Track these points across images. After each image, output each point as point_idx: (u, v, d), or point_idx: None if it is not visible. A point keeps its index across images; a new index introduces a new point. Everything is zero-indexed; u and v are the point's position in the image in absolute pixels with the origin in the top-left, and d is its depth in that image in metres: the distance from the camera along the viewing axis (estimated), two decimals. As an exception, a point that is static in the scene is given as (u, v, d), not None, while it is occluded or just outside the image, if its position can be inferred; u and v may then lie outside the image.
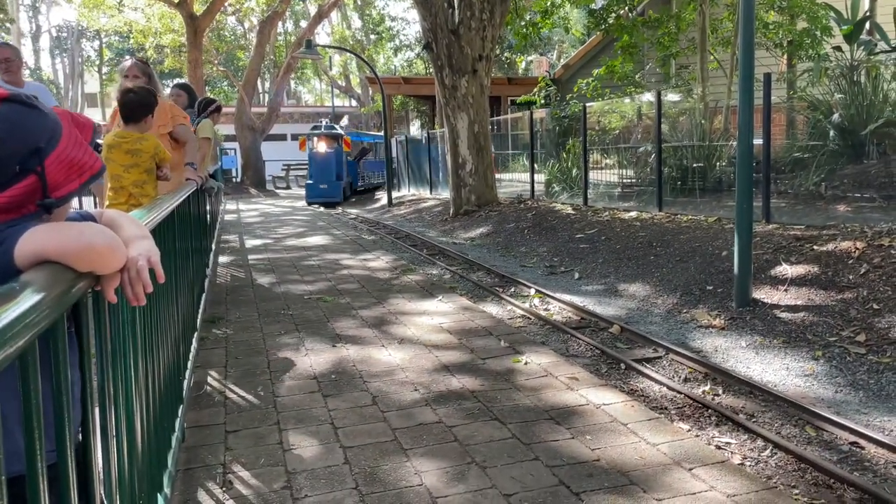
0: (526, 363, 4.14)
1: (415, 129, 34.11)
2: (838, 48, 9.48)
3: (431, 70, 14.01)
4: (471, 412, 3.43)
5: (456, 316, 5.32)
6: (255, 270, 7.75)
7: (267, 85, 43.66)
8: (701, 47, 13.55)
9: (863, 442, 3.31)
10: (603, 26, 15.81)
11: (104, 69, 44.69)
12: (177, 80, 18.38)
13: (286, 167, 29.11)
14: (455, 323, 5.12)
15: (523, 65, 31.32)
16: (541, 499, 2.60)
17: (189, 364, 3.74)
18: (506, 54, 31.34)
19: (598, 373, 4.25)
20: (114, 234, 1.19)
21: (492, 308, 5.86)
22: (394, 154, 22.81)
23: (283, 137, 34.64)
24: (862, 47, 9.05)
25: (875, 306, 4.95)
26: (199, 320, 4.84)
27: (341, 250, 9.21)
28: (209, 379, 4.05)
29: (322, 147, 20.07)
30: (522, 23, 16.07)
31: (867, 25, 9.26)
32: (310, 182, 20.12)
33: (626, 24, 15.07)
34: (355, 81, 43.95)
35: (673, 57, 16.07)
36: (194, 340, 4.21)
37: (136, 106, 3.93)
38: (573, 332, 5.29)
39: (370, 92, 34.36)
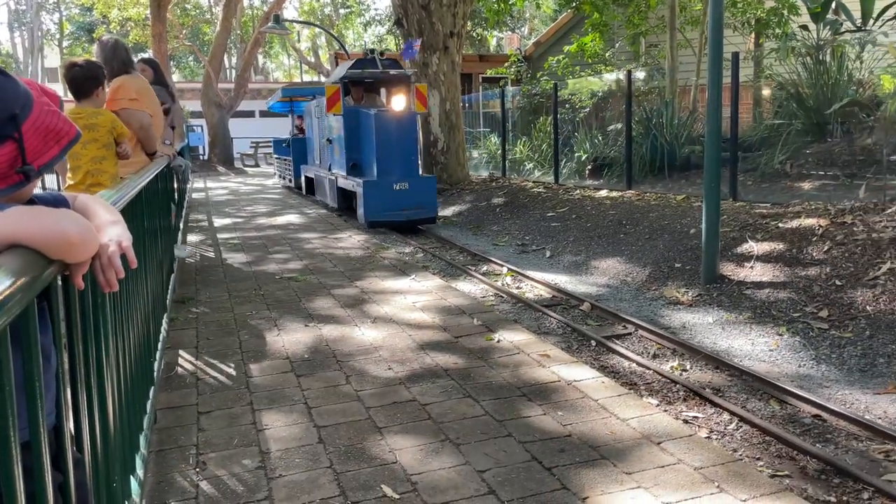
0: (499, 341, 4.18)
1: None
2: (805, 27, 9.59)
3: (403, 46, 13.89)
4: (445, 390, 3.46)
5: (429, 295, 5.34)
6: (225, 249, 7.67)
7: (234, 60, 42.88)
8: (670, 25, 13.62)
9: (825, 415, 3.42)
10: (574, 3, 15.80)
11: (65, 43, 43.44)
12: (141, 55, 17.94)
13: (255, 144, 28.68)
14: (428, 302, 5.13)
15: (494, 41, 31.18)
16: (514, 474, 2.64)
17: (160, 345, 3.71)
18: (477, 30, 31.16)
19: (570, 350, 4.31)
20: (88, 224, 1.17)
21: (465, 286, 5.88)
22: None
23: (251, 114, 34.09)
24: (828, 27, 9.17)
25: (837, 282, 5.08)
26: (168, 301, 4.79)
27: (313, 229, 9.15)
28: (180, 360, 4.02)
29: (399, 103, 9.78)
30: (494, -1, 15.97)
31: (833, 5, 9.36)
32: (365, 181, 9.72)
33: (596, 1, 15.07)
34: (325, 57, 43.32)
35: (643, 35, 16.14)
36: (164, 321, 4.17)
37: (83, 80, 3.81)
38: (545, 309, 5.34)
39: (338, 65, 33.90)
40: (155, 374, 3.33)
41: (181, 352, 4.15)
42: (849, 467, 2.85)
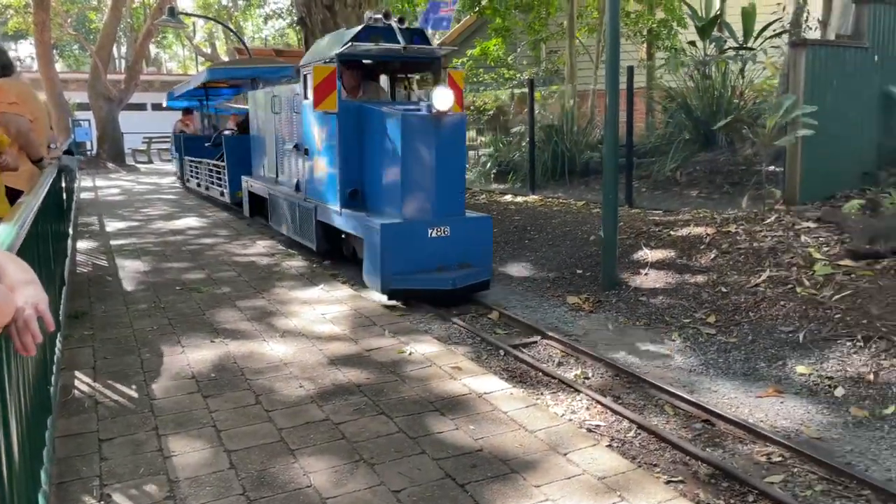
0: (410, 353, 4.23)
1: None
2: (693, 43, 10.17)
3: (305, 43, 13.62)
4: (358, 407, 3.48)
5: (339, 305, 5.32)
6: (120, 257, 7.33)
7: (124, 49, 40.76)
8: (569, 33, 14.09)
9: (713, 419, 3.67)
10: (477, 8, 16.02)
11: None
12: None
13: (147, 140, 27.37)
14: (338, 313, 5.12)
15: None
16: (428, 493, 2.70)
17: (54, 367, 3.53)
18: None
19: (480, 360, 4.42)
20: (5, 292, 1.12)
21: (374, 295, 5.89)
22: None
23: (142, 107, 32.52)
24: (713, 43, 9.76)
25: (723, 289, 5.45)
26: (62, 316, 4.56)
27: (215, 234, 8.88)
28: (77, 382, 3.84)
29: (445, 100, 5.69)
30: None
31: (718, 23, 9.98)
32: (384, 224, 5.82)
33: (498, 6, 15.37)
34: (222, 49, 41.90)
35: (543, 41, 16.61)
36: (59, 340, 3.96)
37: None
38: (454, 319, 5.44)
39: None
40: (52, 399, 3.18)
41: (77, 373, 3.96)
42: (735, 471, 3.08)
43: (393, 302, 5.72)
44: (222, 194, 11.14)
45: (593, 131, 11.50)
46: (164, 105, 17.99)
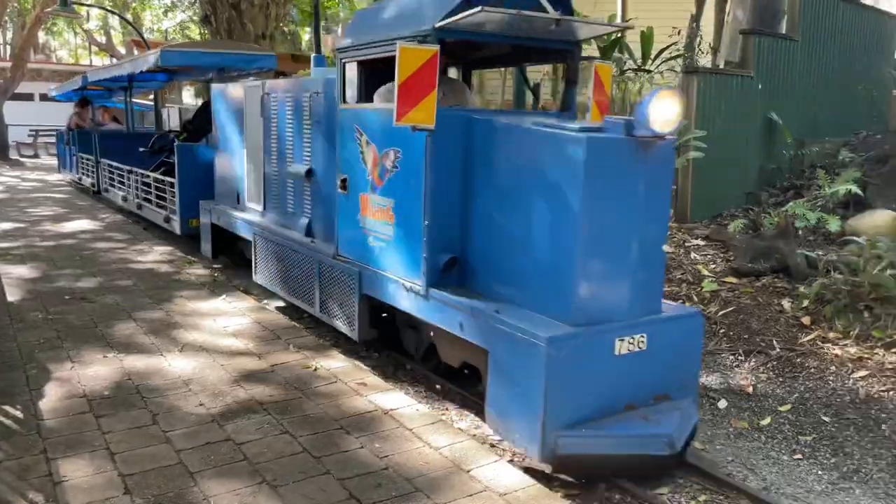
0: (316, 369, 4.21)
1: (189, 97, 31.89)
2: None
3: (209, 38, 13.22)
4: (261, 426, 3.43)
5: (243, 318, 5.21)
6: (4, 262, 6.88)
7: (9, 35, 38.17)
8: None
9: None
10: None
11: None
12: None
13: (34, 132, 25.70)
14: (242, 326, 5.01)
15: (307, 36, 30.64)
16: (333, 514, 2.71)
17: (-72, 389, 3.27)
18: (289, 27, 30.45)
19: (386, 375, 4.43)
20: None
21: (280, 307, 5.80)
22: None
23: (29, 97, 30.53)
24: (614, 63, 10.20)
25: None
26: (-64, 331, 4.23)
27: (109, 238, 8.47)
28: (-46, 403, 3.59)
29: (666, 115, 3.19)
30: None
31: (619, 45, 10.44)
32: (552, 338, 3.13)
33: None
34: (118, 39, 39.96)
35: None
36: (-67, 358, 3.68)
37: None
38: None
39: (135, 53, 31.48)
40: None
41: (-46, 393, 3.70)
42: (624, 483, 3.24)
43: (298, 313, 5.62)
44: (167, 220, 8.25)
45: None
46: (69, 92, 14.58)
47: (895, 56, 11.25)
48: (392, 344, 4.73)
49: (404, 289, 4.00)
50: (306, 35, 30.76)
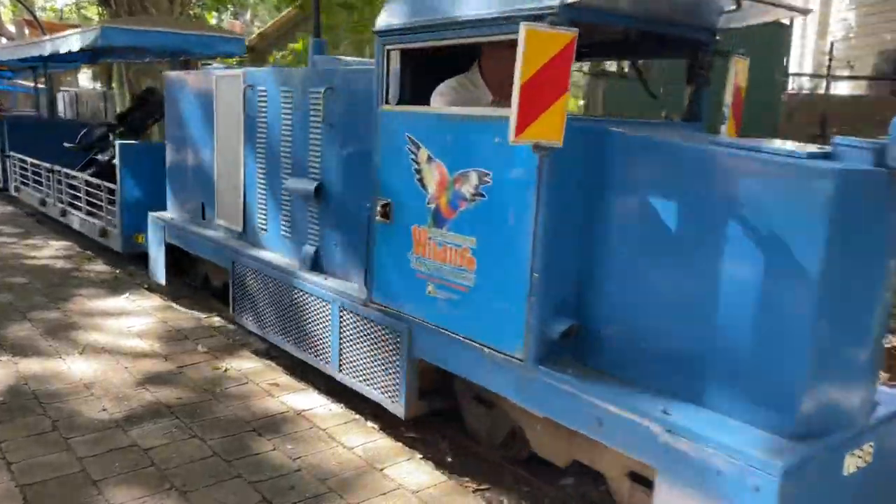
0: (226, 370, 4.14)
1: (85, 80, 30.22)
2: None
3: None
4: (168, 431, 3.36)
5: (147, 317, 5.05)
6: None
7: None
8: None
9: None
10: (297, 2, 15.75)
11: None
12: None
13: None
14: (147, 326, 4.86)
15: (214, 21, 29.65)
16: (245, 519, 2.70)
17: None
18: (195, 10, 29.36)
19: (298, 375, 4.39)
20: None
21: (187, 305, 5.64)
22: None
23: None
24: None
25: None
26: None
27: (-2, 231, 7.98)
28: None
29: None
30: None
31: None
32: (788, 470, 2.07)
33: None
34: (7, 17, 37.36)
35: (368, 44, 16.70)
36: None
37: None
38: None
39: (27, 33, 29.51)
40: None
41: None
42: (532, 478, 3.37)
43: (206, 311, 5.48)
44: (104, 234, 6.90)
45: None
46: None
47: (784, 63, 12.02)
48: (446, 415, 3.64)
49: (492, 361, 2.90)
50: (213, 20, 29.78)
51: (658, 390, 2.54)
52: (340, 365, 3.74)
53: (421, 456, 3.46)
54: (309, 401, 3.78)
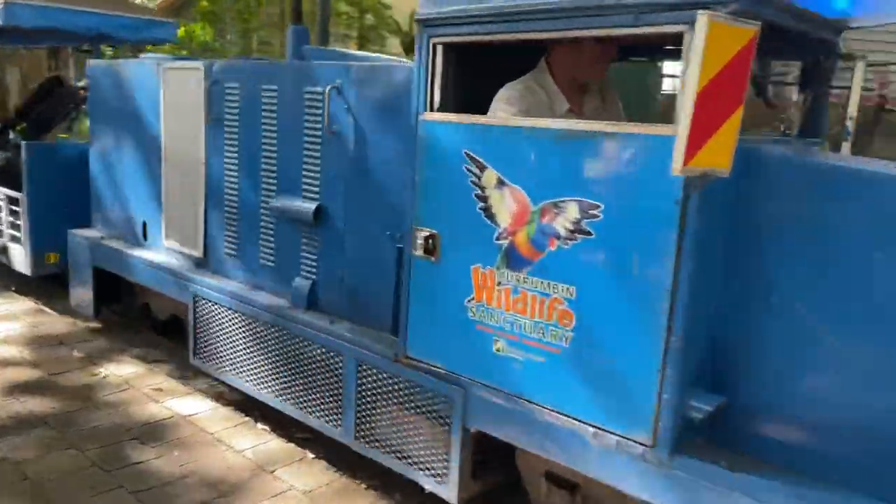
0: (105, 376, 3.96)
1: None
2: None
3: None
4: (43, 442, 3.19)
5: (16, 322, 4.73)
6: None
7: None
8: (282, 26, 13.99)
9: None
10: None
11: None
12: None
13: None
14: (16, 331, 4.56)
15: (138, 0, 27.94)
16: (128, 531, 2.61)
17: None
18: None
19: (184, 379, 4.24)
20: None
21: (62, 308, 5.32)
22: None
23: None
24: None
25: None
26: None
27: None
28: None
29: None
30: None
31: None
32: None
33: (205, -11, 14.64)
34: None
35: (254, 32, 16.24)
36: None
37: None
38: (154, 333, 5.14)
39: None
40: None
41: None
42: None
43: (84, 315, 5.15)
44: (4, 251, 5.58)
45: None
46: None
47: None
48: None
49: (601, 444, 2.22)
50: None
51: (816, 475, 1.99)
52: (357, 432, 3.01)
53: (313, 456, 3.46)
54: (195, 405, 3.69)
